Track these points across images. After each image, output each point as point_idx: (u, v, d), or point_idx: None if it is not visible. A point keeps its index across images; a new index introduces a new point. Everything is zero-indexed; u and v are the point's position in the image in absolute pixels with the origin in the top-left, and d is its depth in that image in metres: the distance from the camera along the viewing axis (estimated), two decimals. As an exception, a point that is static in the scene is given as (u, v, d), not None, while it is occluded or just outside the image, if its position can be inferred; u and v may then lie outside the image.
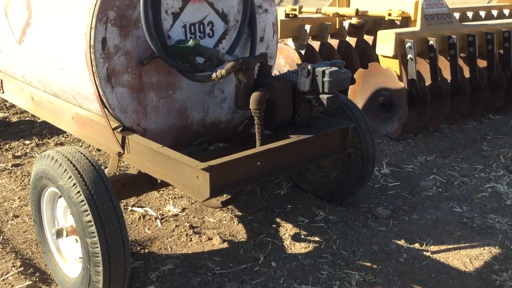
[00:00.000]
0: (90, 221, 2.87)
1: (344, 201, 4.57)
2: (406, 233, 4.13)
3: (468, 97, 6.50)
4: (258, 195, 4.76)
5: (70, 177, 2.95)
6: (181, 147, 4.03)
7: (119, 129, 3.66)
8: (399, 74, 6.12)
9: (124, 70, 3.51)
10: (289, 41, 7.44)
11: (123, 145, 3.67)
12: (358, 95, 6.44)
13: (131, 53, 3.51)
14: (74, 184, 2.92)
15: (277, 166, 3.47)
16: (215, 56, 3.51)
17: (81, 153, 3.10)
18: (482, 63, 6.82)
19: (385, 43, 6.06)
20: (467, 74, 6.64)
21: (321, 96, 3.59)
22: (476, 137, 6.32)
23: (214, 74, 3.53)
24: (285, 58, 7.25)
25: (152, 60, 3.55)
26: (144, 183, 3.52)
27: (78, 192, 2.91)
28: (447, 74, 6.47)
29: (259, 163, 3.38)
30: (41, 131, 6.23)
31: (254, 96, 3.51)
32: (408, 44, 5.97)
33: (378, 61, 6.59)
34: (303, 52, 7.22)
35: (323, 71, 3.54)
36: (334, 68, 3.57)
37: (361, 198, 4.70)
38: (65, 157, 3.06)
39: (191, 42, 3.45)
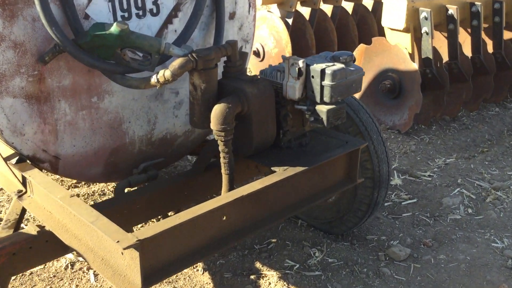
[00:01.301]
0: None
1: (347, 233, 3.41)
2: (433, 285, 3.00)
3: (492, 79, 5.31)
4: (232, 223, 3.58)
5: None
6: (118, 176, 2.82)
7: (15, 159, 2.43)
8: (410, 52, 4.88)
9: (14, 72, 2.26)
10: (274, 8, 6.12)
11: (24, 182, 2.45)
12: (358, 77, 5.20)
13: (24, 45, 2.25)
14: None
15: (253, 220, 2.28)
16: (154, 48, 2.26)
17: None
18: (507, 35, 5.60)
19: (393, 12, 4.80)
20: (490, 48, 5.43)
21: (318, 107, 2.38)
22: (502, 129, 5.18)
23: (154, 77, 2.28)
24: (269, 28, 5.97)
25: (58, 55, 2.29)
26: (49, 248, 2.31)
27: None
28: (466, 49, 5.24)
29: (225, 218, 2.18)
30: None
31: (217, 110, 2.29)
32: (423, 14, 4.71)
33: (379, 33, 5.37)
34: (290, 21, 5.94)
35: (323, 71, 2.32)
36: (338, 66, 2.34)
37: (369, 225, 3.54)
38: None
39: (114, 28, 2.19)
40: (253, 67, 6.61)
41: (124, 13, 2.49)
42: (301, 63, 2.34)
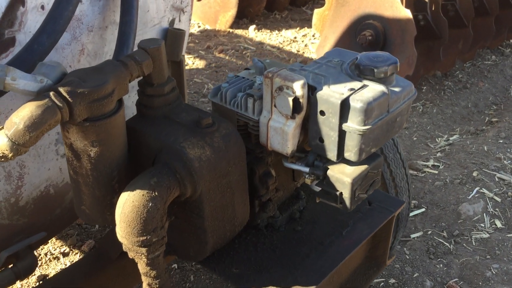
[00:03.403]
0: None
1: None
2: None
3: (493, 21, 4.23)
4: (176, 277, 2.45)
5: None
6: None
7: None
8: (400, -8, 3.69)
9: None
10: None
11: None
12: (328, 25, 3.99)
13: None
14: None
15: None
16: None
17: None
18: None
19: None
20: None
21: (334, 172, 1.21)
22: (505, 85, 4.20)
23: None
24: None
25: None
26: None
27: None
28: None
29: None
30: None
31: (127, 208, 1.06)
32: None
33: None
34: None
35: (345, 103, 1.11)
36: (375, 89, 1.15)
37: (369, 260, 2.49)
38: None
39: None
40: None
41: None
42: (299, 87, 1.13)
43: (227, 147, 1.15)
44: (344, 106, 1.13)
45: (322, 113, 1.16)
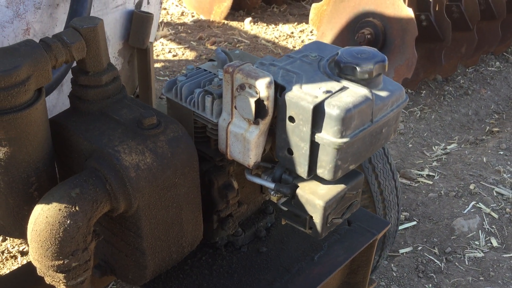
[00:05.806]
0: None
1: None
2: None
3: (499, 25, 4.03)
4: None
5: None
6: None
7: None
8: (402, -11, 3.48)
9: None
10: None
11: None
12: (326, 22, 3.78)
13: None
14: None
15: None
16: None
17: None
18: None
19: None
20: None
21: (303, 192, 0.99)
22: (509, 93, 3.98)
23: None
24: None
25: None
26: None
27: None
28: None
29: None
30: None
31: (40, 225, 0.85)
32: None
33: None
34: None
35: (318, 109, 0.90)
36: (356, 93, 0.94)
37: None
38: None
39: None
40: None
41: None
42: (263, 86, 0.92)
43: (174, 154, 0.95)
44: (318, 112, 0.92)
45: (292, 119, 0.95)
